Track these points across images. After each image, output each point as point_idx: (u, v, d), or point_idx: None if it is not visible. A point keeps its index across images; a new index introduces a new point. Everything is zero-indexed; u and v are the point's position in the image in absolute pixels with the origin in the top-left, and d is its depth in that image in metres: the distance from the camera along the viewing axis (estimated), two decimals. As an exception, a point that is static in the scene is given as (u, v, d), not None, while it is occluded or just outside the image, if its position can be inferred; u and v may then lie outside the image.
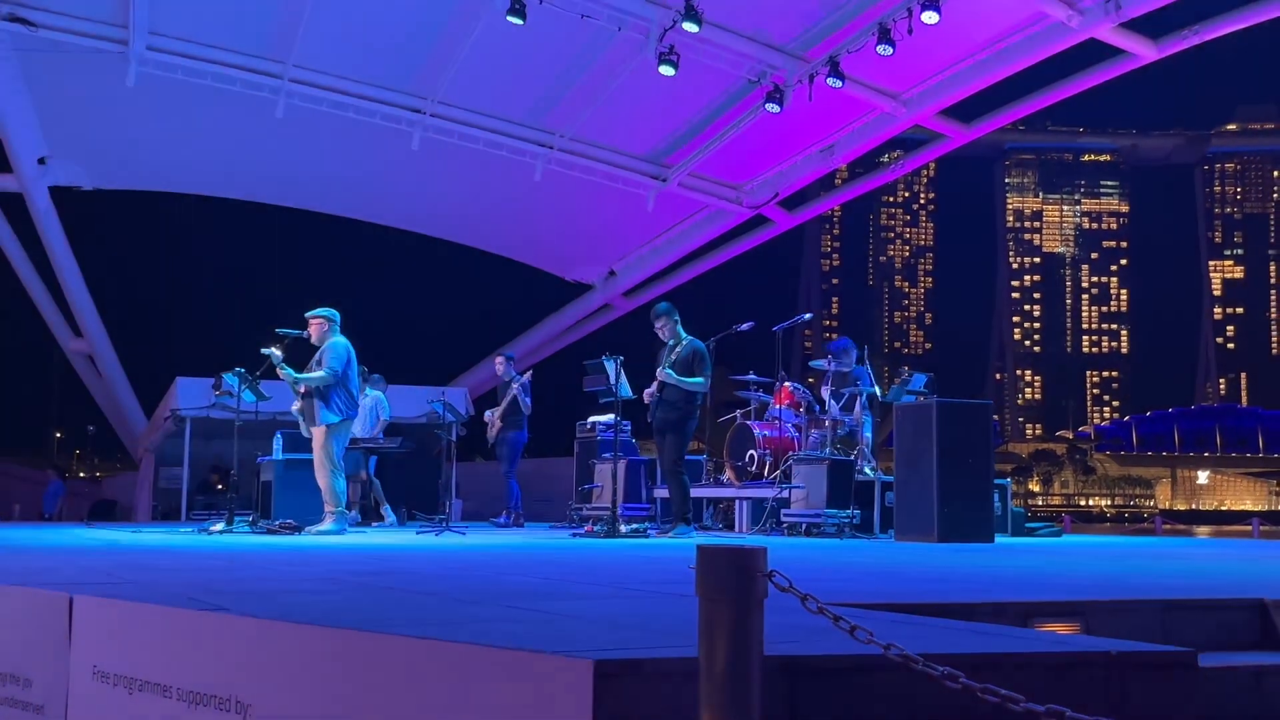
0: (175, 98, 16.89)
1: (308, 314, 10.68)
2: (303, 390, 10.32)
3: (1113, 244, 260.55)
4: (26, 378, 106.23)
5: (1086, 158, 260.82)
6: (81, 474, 71.97)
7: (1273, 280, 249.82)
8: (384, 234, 23.84)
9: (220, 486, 17.37)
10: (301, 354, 10.65)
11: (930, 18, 15.05)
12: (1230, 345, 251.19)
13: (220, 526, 10.46)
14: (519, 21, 15.34)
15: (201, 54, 16.39)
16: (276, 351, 10.37)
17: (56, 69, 16.36)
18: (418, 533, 11.08)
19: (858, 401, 12.14)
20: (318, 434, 10.28)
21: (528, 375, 14.04)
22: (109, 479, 36.77)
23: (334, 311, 10.74)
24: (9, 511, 24.73)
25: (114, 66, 16.14)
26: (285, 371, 10.34)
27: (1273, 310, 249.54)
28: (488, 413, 14.30)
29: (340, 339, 10.56)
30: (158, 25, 15.93)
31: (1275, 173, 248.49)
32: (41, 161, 18.56)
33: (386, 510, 14.01)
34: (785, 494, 11.19)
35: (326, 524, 10.21)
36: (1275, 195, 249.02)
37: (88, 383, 22.65)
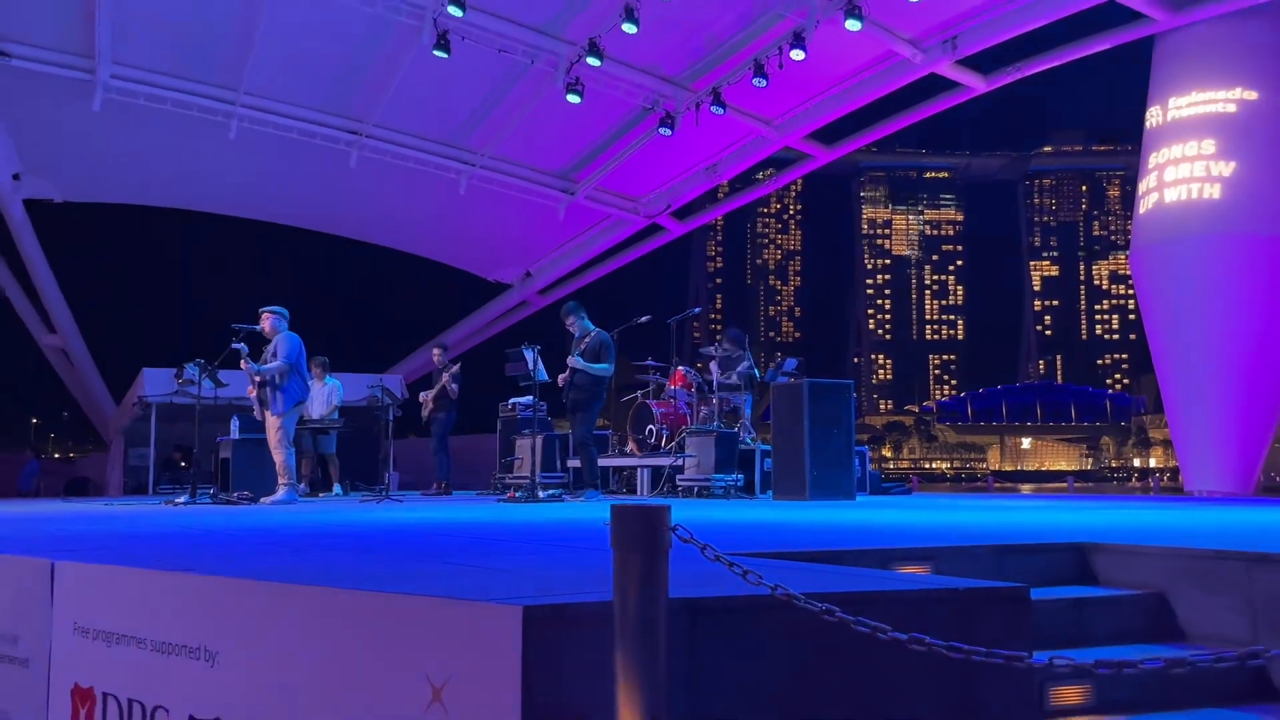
0: (137, 120, 16.46)
1: (261, 309, 10.50)
2: (259, 379, 10.16)
3: (950, 248, 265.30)
4: (4, 370, 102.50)
5: (928, 175, 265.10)
6: (56, 455, 69.67)
7: (1082, 278, 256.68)
8: (328, 240, 23.41)
9: (183, 464, 16.93)
10: (253, 345, 10.45)
11: (798, 55, 15.26)
12: (1048, 332, 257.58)
13: (184, 499, 10.21)
14: (444, 55, 15.22)
15: (161, 82, 16.02)
16: (245, 346, 10.21)
17: (29, 95, 15.83)
18: (360, 502, 10.93)
19: (742, 381, 12.26)
20: (274, 417, 10.12)
21: (457, 366, 14.00)
22: (82, 459, 35.62)
23: (284, 309, 10.56)
24: None
25: (82, 93, 15.69)
26: (250, 365, 10.15)
27: (1082, 303, 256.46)
28: (422, 394, 14.19)
29: (291, 333, 10.39)
30: (121, 56, 15.50)
31: (1084, 187, 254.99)
32: (16, 178, 17.98)
33: (337, 485, 13.74)
34: (680, 462, 11.25)
35: (279, 494, 10.05)
36: (1084, 206, 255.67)
37: (61, 374, 21.96)
